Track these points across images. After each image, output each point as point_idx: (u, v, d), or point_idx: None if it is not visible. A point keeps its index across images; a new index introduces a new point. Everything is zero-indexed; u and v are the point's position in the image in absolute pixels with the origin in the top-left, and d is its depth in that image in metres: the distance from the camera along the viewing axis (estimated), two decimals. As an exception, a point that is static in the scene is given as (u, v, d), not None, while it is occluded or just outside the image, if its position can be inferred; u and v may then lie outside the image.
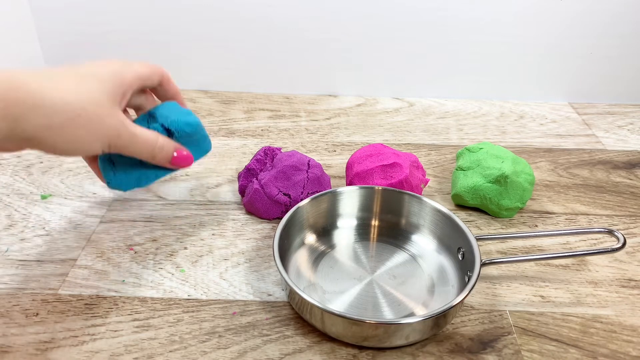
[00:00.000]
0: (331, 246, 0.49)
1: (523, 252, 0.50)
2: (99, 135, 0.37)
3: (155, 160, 0.42)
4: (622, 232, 0.49)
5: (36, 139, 0.34)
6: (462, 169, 0.57)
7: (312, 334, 0.41)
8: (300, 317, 0.42)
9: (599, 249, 0.46)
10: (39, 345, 0.39)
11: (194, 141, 0.45)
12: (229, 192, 0.57)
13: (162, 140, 0.42)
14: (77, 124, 0.35)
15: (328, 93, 0.80)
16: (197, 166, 0.61)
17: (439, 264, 0.47)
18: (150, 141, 0.41)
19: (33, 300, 0.43)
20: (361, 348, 0.40)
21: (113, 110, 0.38)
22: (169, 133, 0.44)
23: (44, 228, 0.51)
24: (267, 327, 0.42)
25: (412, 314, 0.42)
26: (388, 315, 0.43)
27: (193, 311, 0.43)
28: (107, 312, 0.42)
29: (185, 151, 0.44)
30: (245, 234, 0.52)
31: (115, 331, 0.41)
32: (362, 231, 0.51)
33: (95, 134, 0.37)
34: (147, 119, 0.45)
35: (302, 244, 0.49)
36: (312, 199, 0.49)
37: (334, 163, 0.63)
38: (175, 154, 0.43)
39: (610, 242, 0.52)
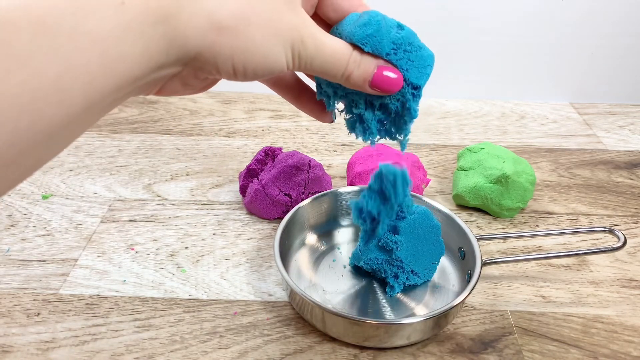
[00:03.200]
0: (332, 246, 0.49)
1: (524, 252, 0.50)
2: (279, 37, 0.28)
3: (350, 80, 0.32)
4: (623, 232, 0.49)
5: (204, 52, 0.27)
6: (463, 169, 0.57)
7: (313, 334, 0.41)
8: (301, 317, 0.42)
9: (599, 248, 0.45)
10: (40, 345, 0.39)
11: (403, 56, 0.33)
12: (230, 192, 0.58)
13: (357, 53, 0.32)
14: (250, 21, 0.27)
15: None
16: (197, 166, 0.61)
17: (440, 263, 0.47)
18: (342, 52, 0.31)
19: (34, 300, 0.43)
20: (362, 348, 0.40)
21: (293, 4, 0.29)
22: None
23: (45, 228, 0.51)
24: (268, 327, 0.42)
25: (412, 314, 0.42)
26: (389, 315, 0.42)
27: (194, 311, 0.43)
28: (108, 312, 0.43)
29: (389, 69, 0.33)
30: (246, 234, 0.52)
31: (116, 331, 0.41)
32: (363, 231, 0.51)
33: (275, 36, 0.28)
34: None
35: (303, 244, 0.49)
36: (313, 199, 0.49)
37: (335, 163, 0.63)
38: (376, 71, 0.32)
39: (611, 242, 0.52)
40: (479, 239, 0.45)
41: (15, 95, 0.20)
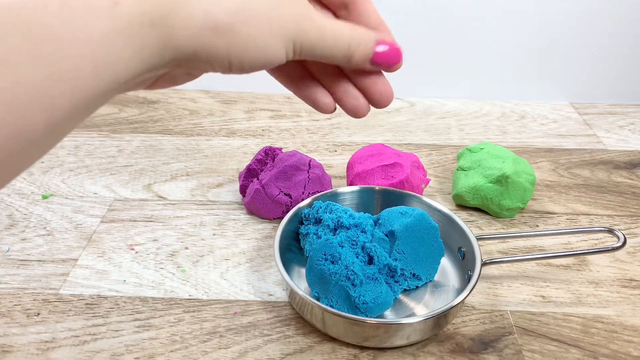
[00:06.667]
0: (332, 246, 0.49)
1: (524, 252, 0.50)
2: (279, 31, 0.27)
3: (352, 60, 0.30)
4: (623, 232, 0.49)
5: (199, 52, 0.26)
6: (463, 169, 0.57)
7: (313, 334, 0.41)
8: (301, 317, 0.42)
9: (599, 248, 0.45)
10: (40, 345, 0.39)
11: None
12: (230, 192, 0.58)
13: (359, 31, 0.30)
14: (247, 20, 0.26)
15: (329, 93, 0.81)
16: (197, 166, 0.61)
17: (440, 264, 0.47)
18: (344, 34, 0.30)
19: (34, 300, 0.43)
20: (362, 348, 0.40)
21: None
22: None
23: (45, 228, 0.51)
24: (268, 327, 0.42)
25: (412, 314, 0.42)
26: (389, 315, 0.43)
27: (194, 311, 0.43)
28: (108, 312, 0.43)
29: (388, 40, 0.31)
30: (246, 234, 0.52)
31: (116, 331, 0.41)
32: (363, 231, 0.51)
33: (273, 31, 0.27)
34: None
35: (303, 244, 0.49)
36: (313, 199, 0.49)
37: (335, 163, 0.63)
38: (378, 48, 0.31)
39: (611, 242, 0.52)
40: (479, 239, 0.45)
41: None
